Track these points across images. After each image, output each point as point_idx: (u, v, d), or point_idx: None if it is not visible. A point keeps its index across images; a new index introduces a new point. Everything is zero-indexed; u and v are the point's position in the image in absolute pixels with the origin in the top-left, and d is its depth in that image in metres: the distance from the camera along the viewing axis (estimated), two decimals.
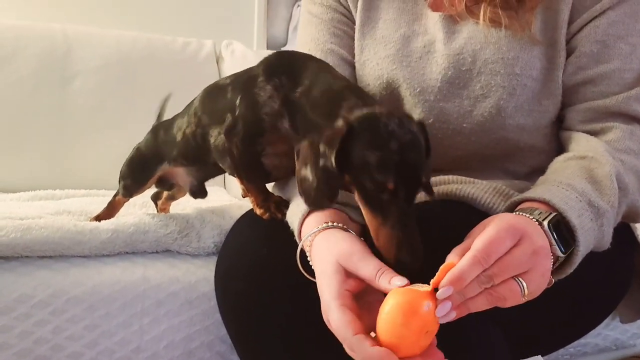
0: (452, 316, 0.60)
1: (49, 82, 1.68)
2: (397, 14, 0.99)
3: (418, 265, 0.67)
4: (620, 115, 0.89)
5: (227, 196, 1.66)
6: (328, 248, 0.70)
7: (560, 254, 0.68)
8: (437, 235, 0.77)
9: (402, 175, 0.68)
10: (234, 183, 1.82)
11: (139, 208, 1.31)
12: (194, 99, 1.01)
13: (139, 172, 1.10)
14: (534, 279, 0.63)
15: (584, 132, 0.90)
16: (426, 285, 0.62)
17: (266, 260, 0.80)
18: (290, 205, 0.84)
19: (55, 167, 1.65)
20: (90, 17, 1.99)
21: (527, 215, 0.69)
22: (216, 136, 0.92)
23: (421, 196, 0.88)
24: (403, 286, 0.61)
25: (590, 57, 0.90)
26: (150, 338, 0.98)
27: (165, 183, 1.13)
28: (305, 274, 0.73)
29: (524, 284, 0.62)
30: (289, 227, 0.82)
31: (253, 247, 0.83)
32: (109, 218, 1.12)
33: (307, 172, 0.72)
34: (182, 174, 1.08)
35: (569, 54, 0.92)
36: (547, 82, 0.92)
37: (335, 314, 0.63)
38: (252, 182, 0.90)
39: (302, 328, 0.75)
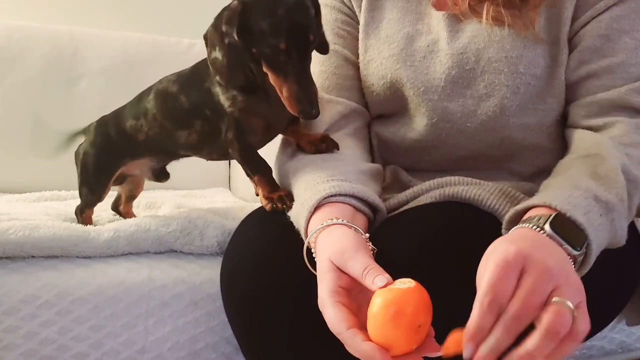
0: None
1: (55, 83, 1.68)
2: (401, 14, 0.99)
3: (317, 112, 0.81)
4: (625, 109, 0.88)
5: (232, 197, 1.67)
6: (326, 246, 0.71)
7: (575, 252, 0.66)
8: (444, 237, 0.78)
9: (292, 36, 0.79)
10: (238, 185, 1.82)
11: (143, 209, 1.32)
12: (143, 102, 1.03)
13: (100, 173, 1.10)
14: (566, 292, 0.59)
15: (588, 127, 0.89)
16: (409, 280, 0.62)
17: (272, 259, 0.80)
18: (295, 204, 0.84)
19: (61, 168, 1.65)
20: (96, 19, 1.99)
21: (527, 225, 0.68)
22: (186, 137, 1.00)
23: (426, 198, 0.88)
24: (384, 285, 0.62)
25: (594, 51, 0.89)
26: (155, 339, 0.99)
27: (118, 178, 1.13)
28: (313, 271, 0.73)
29: (561, 299, 0.58)
30: (295, 227, 0.82)
31: (259, 247, 0.83)
32: None
33: (217, 53, 0.84)
34: (143, 163, 1.11)
35: (571, 50, 0.91)
36: (551, 80, 0.91)
37: (329, 310, 0.64)
38: (258, 172, 0.94)
39: (308, 328, 0.75)
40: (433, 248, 0.76)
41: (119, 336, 0.97)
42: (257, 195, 0.96)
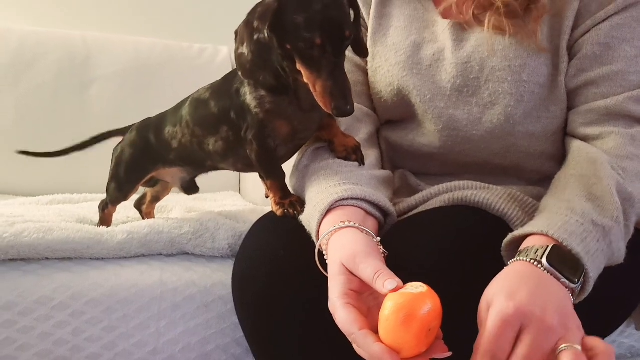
0: None
1: (68, 88, 1.70)
2: (408, 22, 1.00)
3: (351, 108, 0.79)
4: (622, 117, 0.87)
5: (242, 201, 1.68)
6: (337, 249, 0.72)
7: (573, 285, 0.67)
8: (453, 242, 0.78)
9: (327, 31, 0.78)
10: (248, 188, 1.83)
11: (154, 213, 1.33)
12: (181, 110, 1.05)
13: (132, 173, 1.12)
14: (570, 338, 0.61)
15: (584, 135, 0.89)
16: (421, 284, 0.62)
17: (284, 263, 0.81)
18: (306, 208, 0.85)
19: (73, 172, 1.67)
20: (109, 24, 2.01)
21: (524, 259, 0.68)
22: (213, 143, 0.99)
23: (435, 202, 0.89)
24: (395, 288, 0.62)
25: (592, 59, 0.89)
26: (166, 340, 1.00)
27: (150, 181, 1.16)
28: (325, 273, 0.74)
29: (569, 345, 0.60)
30: (306, 230, 0.83)
31: (271, 250, 0.84)
32: None
33: (244, 48, 0.83)
34: (174, 173, 1.12)
35: (571, 58, 0.91)
36: (554, 88, 0.92)
37: (340, 312, 0.65)
38: (272, 177, 0.94)
39: (319, 330, 0.76)
40: (443, 252, 0.77)
41: (131, 337, 0.98)
42: (267, 197, 0.97)
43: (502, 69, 0.90)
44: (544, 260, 0.67)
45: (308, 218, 0.82)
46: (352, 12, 0.87)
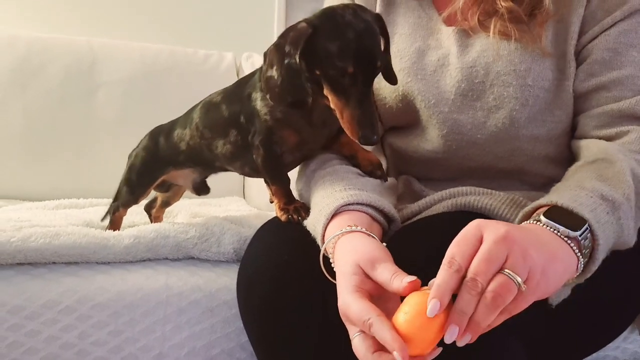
0: (468, 339, 0.58)
1: (74, 94, 1.72)
2: (413, 29, 1.01)
3: (377, 138, 0.80)
4: (636, 119, 0.89)
5: (246, 206, 1.68)
6: (350, 250, 0.72)
7: (574, 233, 0.67)
8: None
9: (360, 59, 0.79)
10: (253, 193, 1.84)
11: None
12: (192, 113, 1.07)
13: (143, 176, 1.14)
14: (518, 264, 0.59)
15: (598, 137, 0.90)
16: None
17: (288, 268, 0.82)
18: (312, 212, 0.86)
19: (79, 177, 1.69)
20: (114, 30, 2.03)
21: (528, 222, 0.69)
22: (221, 146, 1.01)
23: (439, 208, 0.89)
24: (414, 282, 0.63)
25: (602, 64, 0.91)
26: (172, 345, 1.00)
27: (163, 185, 1.19)
28: (328, 277, 0.74)
29: (513, 274, 0.59)
30: (311, 234, 0.83)
31: (275, 255, 0.84)
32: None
33: (273, 72, 0.84)
34: (186, 174, 1.14)
35: (579, 64, 0.93)
36: (559, 92, 0.93)
37: (355, 304, 0.64)
38: (277, 182, 0.95)
39: (324, 334, 0.76)
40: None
41: (137, 341, 0.99)
42: (272, 202, 0.98)
43: (507, 73, 0.91)
44: (542, 217, 0.68)
45: (313, 222, 0.83)
46: (382, 40, 0.87)
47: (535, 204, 0.74)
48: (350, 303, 0.65)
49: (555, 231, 0.67)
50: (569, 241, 0.67)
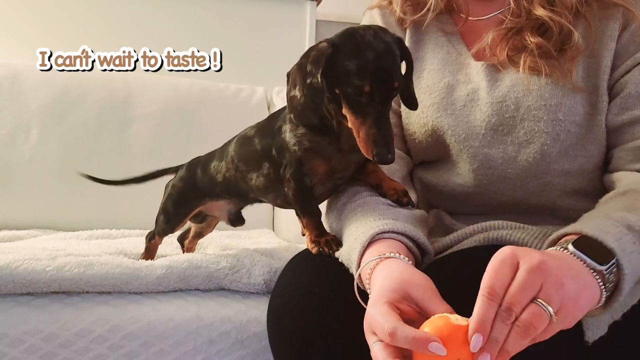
0: None
1: (109, 126, 1.76)
2: (442, 64, 1.02)
3: (392, 157, 0.81)
4: None
5: (276, 238, 1.69)
6: (387, 276, 0.71)
7: (600, 267, 0.66)
8: None
9: (377, 79, 0.80)
10: (282, 226, 1.85)
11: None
12: (228, 146, 1.09)
13: (180, 206, 1.16)
14: (552, 294, 0.60)
15: (632, 171, 0.89)
16: (465, 319, 0.62)
17: (320, 300, 0.81)
18: (345, 242, 0.86)
19: (112, 208, 1.71)
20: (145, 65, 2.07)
21: (554, 248, 0.69)
22: (255, 179, 1.03)
23: (470, 242, 0.89)
24: (446, 310, 0.63)
25: (637, 97, 0.90)
26: None
27: (198, 216, 1.20)
28: (363, 304, 0.74)
29: (546, 305, 0.59)
30: (344, 266, 0.83)
31: (306, 287, 0.84)
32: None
33: (296, 91, 0.86)
34: (221, 205, 1.16)
35: (612, 98, 0.92)
36: (591, 127, 0.92)
37: (381, 312, 0.64)
38: (308, 215, 0.95)
39: None
40: (477, 291, 0.76)
41: None
42: (303, 235, 0.98)
43: (537, 107, 0.91)
44: (570, 246, 0.68)
45: (348, 251, 0.83)
46: (404, 65, 0.89)
47: (562, 231, 0.73)
48: (377, 311, 0.65)
49: (582, 262, 0.67)
50: (595, 274, 0.66)
